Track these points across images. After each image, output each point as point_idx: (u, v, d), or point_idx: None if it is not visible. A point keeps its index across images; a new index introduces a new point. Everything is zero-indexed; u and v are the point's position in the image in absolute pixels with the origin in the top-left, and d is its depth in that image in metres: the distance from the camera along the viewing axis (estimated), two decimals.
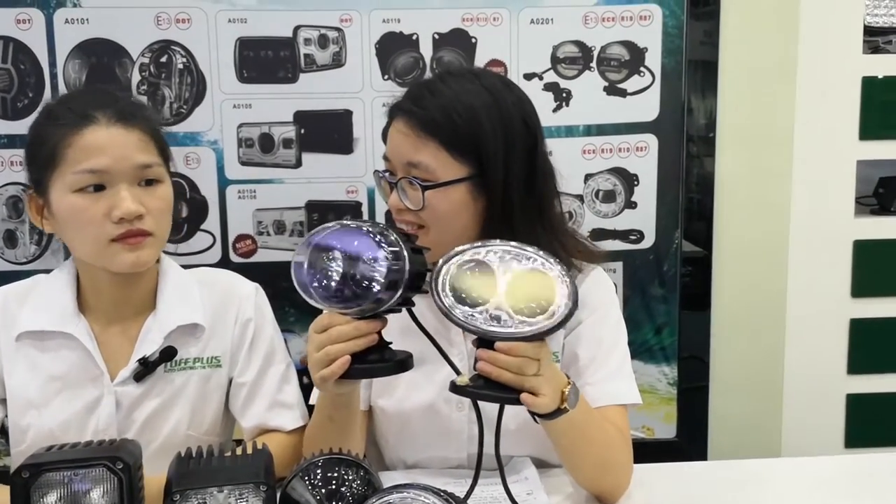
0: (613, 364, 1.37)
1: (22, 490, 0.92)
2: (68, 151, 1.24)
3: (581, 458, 1.28)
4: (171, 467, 1.00)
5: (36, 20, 1.84)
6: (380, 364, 1.13)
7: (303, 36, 1.91)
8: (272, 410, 1.41)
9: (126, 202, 1.24)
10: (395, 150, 1.32)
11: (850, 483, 1.42)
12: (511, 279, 1.06)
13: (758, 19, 2.01)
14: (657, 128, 2.01)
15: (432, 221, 1.31)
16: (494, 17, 1.94)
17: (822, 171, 2.05)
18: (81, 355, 1.32)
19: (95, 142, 1.24)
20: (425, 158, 1.28)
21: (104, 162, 1.24)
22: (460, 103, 1.29)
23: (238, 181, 1.95)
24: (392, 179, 1.33)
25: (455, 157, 1.29)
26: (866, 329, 2.11)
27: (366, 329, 1.11)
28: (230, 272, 1.50)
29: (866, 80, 2.01)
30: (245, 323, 1.42)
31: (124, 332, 1.35)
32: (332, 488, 1.06)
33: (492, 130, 1.30)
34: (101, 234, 1.25)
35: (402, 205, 1.31)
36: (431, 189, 1.28)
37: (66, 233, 1.29)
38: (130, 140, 1.26)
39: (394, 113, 1.34)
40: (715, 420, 2.17)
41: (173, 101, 1.90)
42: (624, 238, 2.05)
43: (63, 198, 1.25)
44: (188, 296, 1.39)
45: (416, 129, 1.29)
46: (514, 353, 1.06)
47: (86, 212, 1.24)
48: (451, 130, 1.28)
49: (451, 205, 1.30)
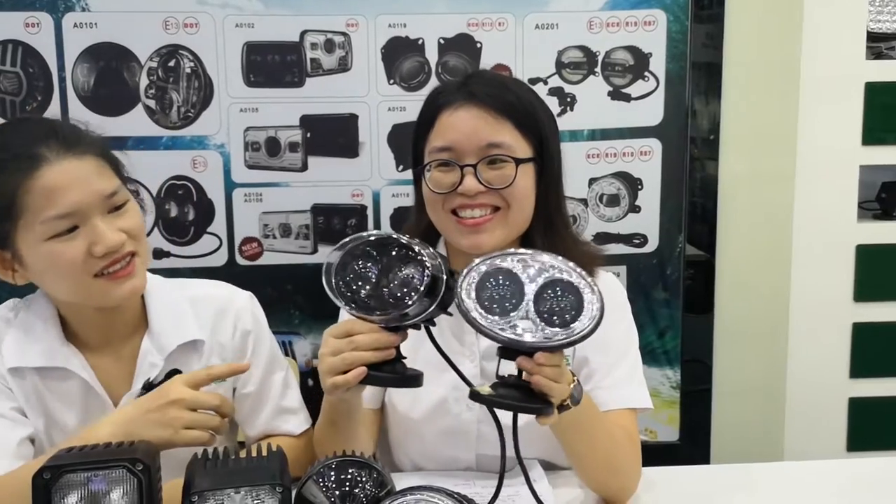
0: (625, 368, 1.38)
1: (43, 491, 0.93)
2: (27, 199, 1.14)
3: (587, 459, 1.29)
4: (188, 469, 1.01)
5: (45, 24, 1.85)
6: (391, 375, 1.12)
7: (309, 40, 1.92)
8: (278, 417, 1.41)
9: (106, 236, 1.17)
10: (471, 133, 1.31)
11: (853, 487, 1.42)
12: (538, 288, 1.05)
13: (762, 24, 2.03)
14: (661, 132, 2.02)
15: (515, 199, 1.32)
16: (500, 21, 1.95)
17: (825, 175, 2.06)
18: (80, 386, 1.28)
19: (54, 182, 1.15)
20: (507, 138, 1.31)
21: (70, 202, 1.15)
22: (519, 89, 1.36)
23: (244, 184, 1.96)
24: (463, 163, 1.31)
25: (525, 137, 1.33)
26: (869, 333, 2.12)
27: (386, 341, 1.10)
28: (220, 283, 1.45)
29: (869, 86, 2.02)
30: (244, 335, 1.39)
31: (118, 357, 1.30)
32: (346, 490, 1.07)
33: (545, 115, 1.37)
34: (84, 273, 1.18)
35: (481, 187, 1.30)
36: (522, 164, 1.31)
37: (45, 280, 1.22)
38: (87, 170, 1.18)
39: (451, 102, 1.33)
40: (717, 423, 2.18)
41: (181, 104, 1.91)
42: (627, 242, 2.06)
43: (35, 248, 1.17)
44: (180, 312, 1.34)
45: (493, 111, 1.31)
46: (551, 362, 1.05)
47: (64, 256, 1.16)
48: (522, 112, 1.33)
49: (530, 182, 1.34)
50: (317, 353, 2.01)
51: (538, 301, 1.04)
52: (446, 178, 1.32)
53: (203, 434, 1.14)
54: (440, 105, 1.34)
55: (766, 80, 2.05)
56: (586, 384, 1.35)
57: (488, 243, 1.31)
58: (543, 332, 1.03)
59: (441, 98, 1.35)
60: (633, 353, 1.41)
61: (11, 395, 1.25)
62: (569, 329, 1.03)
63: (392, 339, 1.10)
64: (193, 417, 1.13)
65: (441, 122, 1.33)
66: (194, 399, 1.14)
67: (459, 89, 1.34)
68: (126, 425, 1.12)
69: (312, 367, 2.01)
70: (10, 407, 1.25)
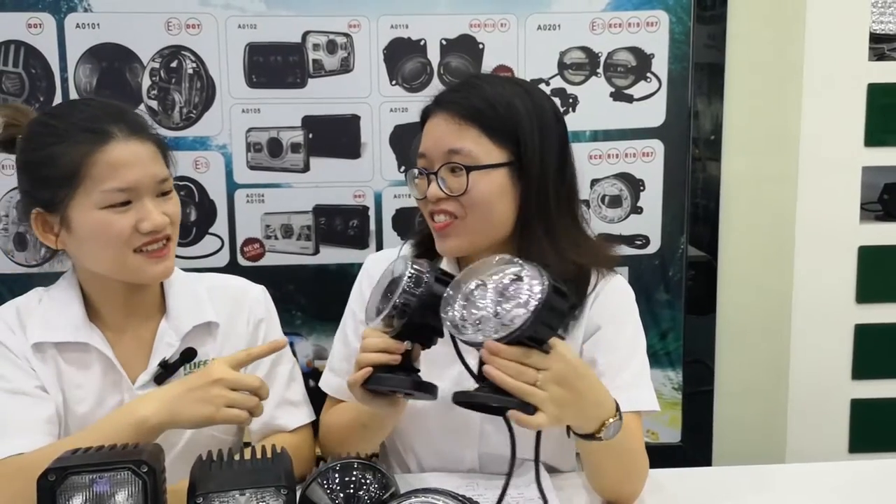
0: (632, 371, 1.37)
1: (48, 493, 0.93)
2: (93, 169, 1.24)
3: (607, 472, 1.30)
4: (194, 470, 1.01)
5: (47, 24, 1.85)
6: (400, 377, 1.16)
7: (311, 41, 1.92)
8: (280, 408, 1.43)
9: (154, 215, 1.26)
10: (436, 141, 1.33)
11: (855, 489, 1.42)
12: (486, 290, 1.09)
13: (764, 26, 2.03)
14: (663, 133, 2.03)
15: (473, 206, 1.31)
16: (502, 22, 1.96)
17: (827, 177, 2.06)
18: (100, 362, 1.33)
19: (120, 158, 1.25)
20: (467, 144, 1.30)
21: (130, 178, 1.25)
22: (497, 93, 1.33)
23: (246, 185, 1.96)
24: (430, 171, 1.33)
25: (495, 142, 1.32)
26: (871, 334, 2.12)
27: (389, 345, 1.16)
28: (235, 276, 1.51)
29: (872, 87, 2.03)
30: (257, 323, 1.44)
31: (136, 338, 1.36)
32: (350, 492, 1.08)
33: (528, 118, 1.33)
34: (127, 246, 1.26)
35: (441, 194, 1.31)
36: (475, 171, 1.30)
37: (87, 247, 1.29)
38: (148, 154, 1.28)
39: (429, 111, 1.36)
40: (719, 425, 2.18)
41: (183, 105, 1.91)
42: (630, 243, 2.06)
43: (88, 214, 1.25)
44: (197, 297, 1.41)
45: (458, 117, 1.31)
46: (504, 355, 1.06)
47: (114, 226, 1.25)
48: (491, 117, 1.31)
49: (492, 188, 1.32)
50: (318, 354, 2.03)
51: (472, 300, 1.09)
52: (421, 185, 1.36)
53: (242, 413, 1.19)
54: (424, 115, 1.38)
55: (768, 81, 2.05)
56: None
57: (453, 247, 1.34)
58: (485, 328, 1.07)
59: (428, 107, 1.38)
60: (641, 356, 1.41)
61: (34, 374, 1.31)
62: (499, 318, 1.06)
63: (396, 345, 1.16)
64: (234, 397, 1.19)
65: (424, 130, 1.37)
66: (236, 380, 1.20)
67: (438, 97, 1.36)
68: (170, 402, 1.18)
69: (314, 367, 2.01)
70: (34, 385, 1.30)
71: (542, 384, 1.08)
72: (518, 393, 1.07)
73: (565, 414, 1.11)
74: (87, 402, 1.32)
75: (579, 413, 1.15)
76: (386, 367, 1.16)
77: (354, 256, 1.97)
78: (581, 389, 1.12)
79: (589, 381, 1.15)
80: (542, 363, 1.08)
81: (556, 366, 1.09)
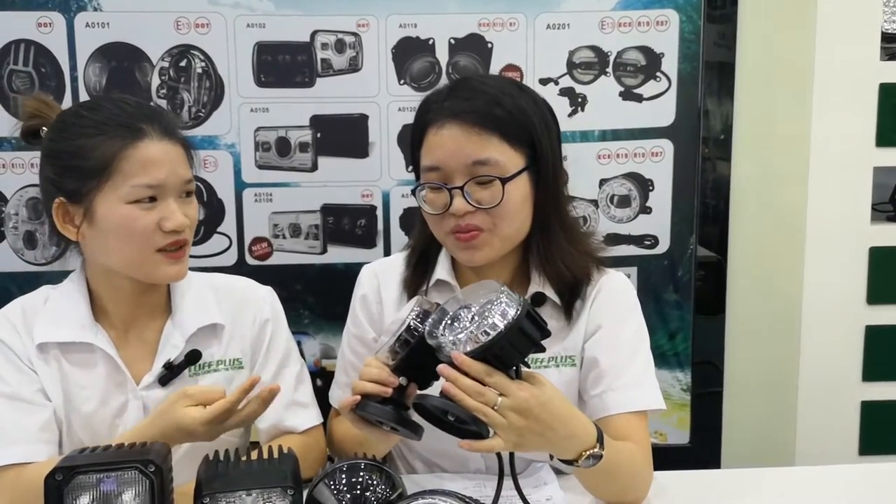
0: (635, 369, 1.36)
1: (55, 492, 0.93)
2: (124, 164, 1.26)
3: (601, 488, 1.29)
4: (200, 470, 1.01)
5: (57, 24, 1.85)
6: (387, 409, 1.14)
7: (320, 41, 1.92)
8: (289, 410, 1.43)
9: (177, 215, 1.28)
10: (454, 153, 1.28)
11: (865, 491, 1.42)
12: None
13: (775, 24, 2.02)
14: (673, 133, 2.02)
15: (504, 216, 1.29)
16: (511, 22, 1.95)
17: (838, 177, 2.05)
18: (104, 363, 1.33)
19: (151, 155, 1.27)
20: (493, 154, 1.27)
21: (161, 176, 1.27)
22: (505, 95, 1.30)
23: (254, 184, 1.96)
24: (451, 186, 1.29)
25: (514, 147, 1.29)
26: (881, 336, 2.11)
27: (383, 377, 1.14)
28: (242, 277, 1.51)
29: (883, 87, 2.01)
30: (263, 324, 1.44)
31: (141, 338, 1.36)
32: (357, 493, 1.08)
33: (537, 117, 1.32)
34: (148, 244, 1.28)
35: (469, 207, 1.28)
36: (508, 181, 1.28)
37: (108, 241, 1.29)
38: (177, 155, 1.31)
39: (435, 120, 1.31)
40: (728, 426, 2.17)
41: (192, 104, 1.91)
42: (638, 243, 2.06)
43: (114, 208, 1.27)
44: (203, 298, 1.41)
45: (476, 127, 1.27)
46: (466, 368, 1.05)
47: (138, 222, 1.26)
48: (508, 122, 1.29)
49: (522, 196, 1.30)
50: (326, 353, 2.03)
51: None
52: (438, 200, 1.31)
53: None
54: (427, 122, 1.32)
55: (778, 80, 2.04)
56: (596, 386, 1.35)
57: (482, 257, 1.32)
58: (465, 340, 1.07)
59: (428, 115, 1.32)
60: (644, 354, 1.39)
61: (35, 377, 1.32)
62: (472, 334, 1.06)
63: (389, 377, 1.14)
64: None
65: (428, 140, 1.31)
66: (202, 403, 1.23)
67: (444, 104, 1.31)
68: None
69: (321, 366, 2.02)
70: (34, 389, 1.31)
71: (501, 409, 1.06)
72: (475, 412, 1.06)
73: (527, 442, 1.10)
74: (92, 401, 1.33)
75: (546, 443, 1.13)
76: (379, 397, 1.14)
77: (362, 256, 1.96)
78: (546, 421, 1.10)
79: (559, 413, 1.12)
80: (505, 387, 1.07)
81: (520, 394, 1.07)
